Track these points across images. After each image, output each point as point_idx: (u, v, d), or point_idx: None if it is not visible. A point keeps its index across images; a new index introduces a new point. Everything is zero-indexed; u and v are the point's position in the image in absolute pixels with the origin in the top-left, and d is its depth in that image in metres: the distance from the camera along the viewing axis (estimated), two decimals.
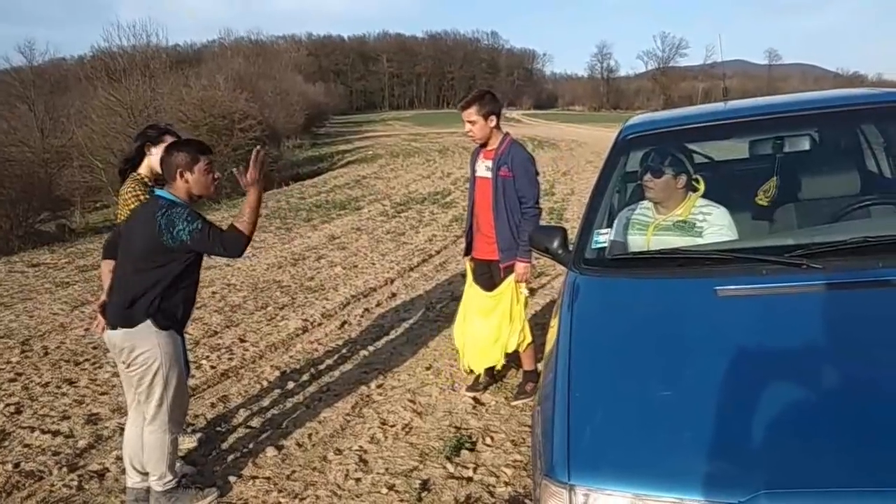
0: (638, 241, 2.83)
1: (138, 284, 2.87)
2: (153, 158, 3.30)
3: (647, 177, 2.92)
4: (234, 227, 2.92)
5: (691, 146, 3.69)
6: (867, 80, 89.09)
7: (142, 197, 3.24)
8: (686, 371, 1.91)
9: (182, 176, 2.91)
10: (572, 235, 2.82)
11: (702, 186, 2.93)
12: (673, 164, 2.87)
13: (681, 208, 2.87)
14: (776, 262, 2.23)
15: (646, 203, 2.96)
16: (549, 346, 2.42)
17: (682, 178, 2.89)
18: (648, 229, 2.86)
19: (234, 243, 2.92)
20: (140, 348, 2.87)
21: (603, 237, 2.70)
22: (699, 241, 2.72)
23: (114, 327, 2.93)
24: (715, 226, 2.76)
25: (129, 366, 2.92)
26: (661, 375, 1.91)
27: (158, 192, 2.95)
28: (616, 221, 2.98)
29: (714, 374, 1.85)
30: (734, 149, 3.94)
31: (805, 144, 3.31)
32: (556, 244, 2.74)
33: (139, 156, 3.40)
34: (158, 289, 2.87)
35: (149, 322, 2.86)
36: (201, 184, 2.96)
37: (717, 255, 2.41)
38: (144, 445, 3.00)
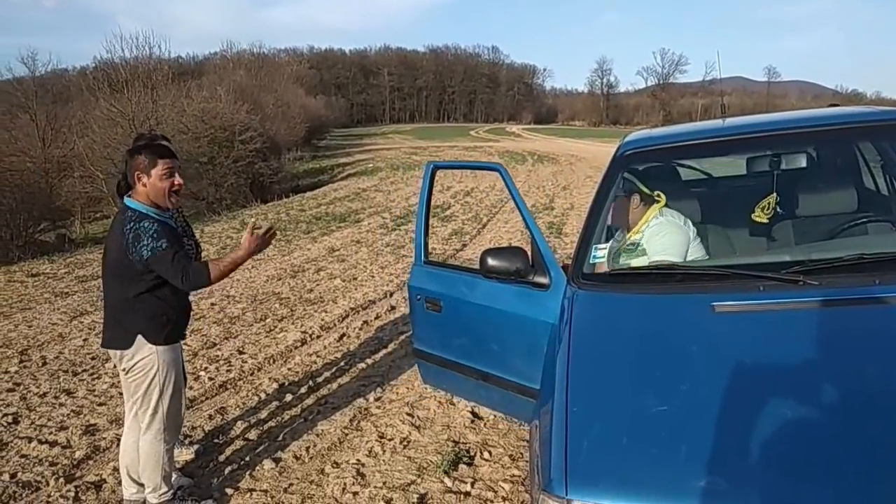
0: (603, 267, 2.86)
1: (123, 303, 2.87)
2: None
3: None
4: (207, 265, 2.85)
5: (691, 162, 3.72)
6: (865, 97, 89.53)
7: None
8: (683, 386, 1.91)
9: (140, 180, 2.81)
10: (563, 251, 2.83)
11: (662, 199, 3.01)
12: (623, 186, 3.00)
13: (636, 228, 2.96)
14: (773, 278, 2.24)
15: None
16: (546, 361, 2.42)
17: (636, 198, 2.98)
18: (617, 254, 2.95)
19: (195, 279, 2.81)
20: (139, 355, 2.87)
21: (601, 252, 2.71)
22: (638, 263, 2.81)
23: (108, 347, 2.94)
24: (657, 249, 2.81)
25: (127, 372, 2.92)
26: (658, 390, 1.92)
27: (127, 201, 2.85)
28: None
29: (711, 390, 1.86)
30: (732, 165, 3.97)
31: (802, 162, 3.34)
32: (521, 265, 2.70)
33: None
34: (143, 305, 2.85)
35: (140, 338, 2.86)
36: (157, 190, 2.81)
37: (714, 270, 2.42)
38: (140, 455, 3.00)
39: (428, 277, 3.21)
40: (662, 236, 2.87)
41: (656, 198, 3.00)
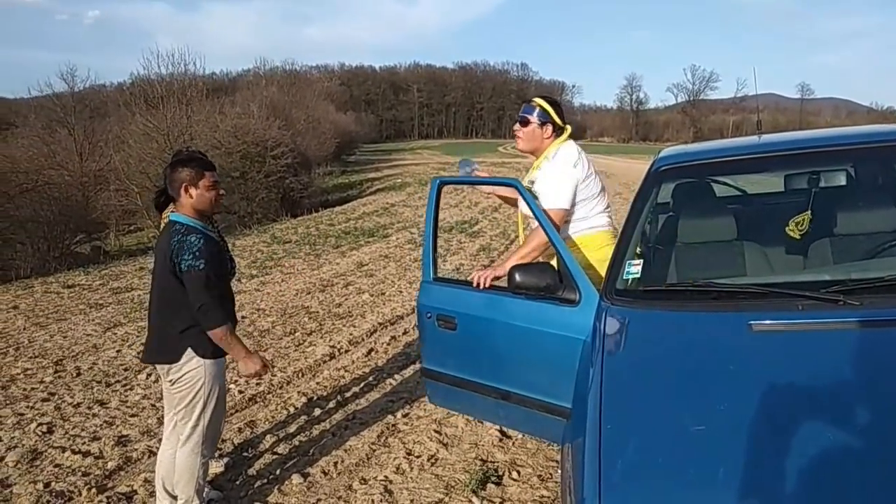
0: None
1: (174, 316, 2.90)
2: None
3: (516, 126, 3.39)
4: (225, 321, 2.89)
5: (726, 178, 3.67)
6: None
7: None
8: (719, 406, 1.87)
9: (187, 191, 2.92)
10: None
11: (567, 131, 3.38)
12: (539, 114, 3.32)
13: (539, 159, 3.36)
14: (812, 297, 2.19)
15: None
16: (578, 378, 2.39)
17: (548, 128, 3.32)
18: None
19: (208, 318, 2.84)
20: (187, 367, 2.91)
21: (635, 268, 2.67)
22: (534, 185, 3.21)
23: (156, 361, 2.98)
24: (540, 191, 3.18)
25: (174, 383, 2.95)
26: (694, 410, 1.88)
27: (173, 216, 2.95)
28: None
29: (748, 411, 1.81)
30: (767, 182, 3.91)
31: (841, 179, 3.27)
32: (550, 280, 2.66)
33: None
34: (189, 319, 2.88)
35: (189, 350, 2.90)
36: (204, 199, 2.96)
37: (752, 289, 2.37)
38: (176, 466, 3.02)
39: (439, 295, 3.14)
40: (544, 181, 3.23)
41: (566, 130, 3.37)
